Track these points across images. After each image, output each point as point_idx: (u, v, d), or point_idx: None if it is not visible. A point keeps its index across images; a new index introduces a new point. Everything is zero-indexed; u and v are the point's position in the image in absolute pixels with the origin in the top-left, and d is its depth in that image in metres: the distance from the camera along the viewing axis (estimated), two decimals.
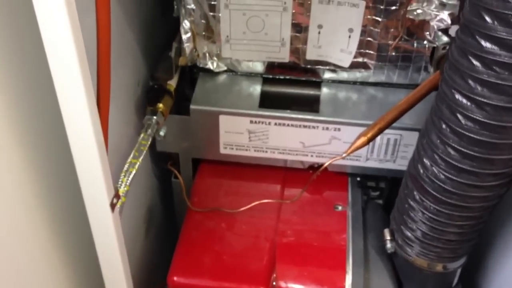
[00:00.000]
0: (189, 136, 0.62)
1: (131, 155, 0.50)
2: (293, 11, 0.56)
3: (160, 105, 0.57)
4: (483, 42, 0.38)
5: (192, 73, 0.64)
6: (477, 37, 0.38)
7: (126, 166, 0.49)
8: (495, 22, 0.37)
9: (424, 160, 0.47)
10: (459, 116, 0.42)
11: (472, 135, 0.41)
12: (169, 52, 0.60)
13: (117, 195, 0.45)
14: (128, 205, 0.55)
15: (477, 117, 0.40)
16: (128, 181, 0.48)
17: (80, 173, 0.42)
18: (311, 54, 0.59)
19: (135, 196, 0.61)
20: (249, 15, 0.57)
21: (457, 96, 0.41)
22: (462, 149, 0.43)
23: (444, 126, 0.44)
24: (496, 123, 0.40)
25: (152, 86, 0.58)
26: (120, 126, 0.54)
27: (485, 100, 0.39)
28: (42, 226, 0.52)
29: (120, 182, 0.48)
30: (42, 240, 0.53)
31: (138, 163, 0.50)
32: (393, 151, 0.60)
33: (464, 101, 0.41)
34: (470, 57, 0.39)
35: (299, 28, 0.57)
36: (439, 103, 0.44)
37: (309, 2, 0.55)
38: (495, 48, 0.37)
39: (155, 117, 0.56)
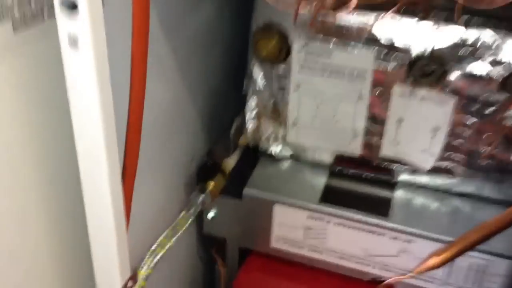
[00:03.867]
0: (239, 222, 0.56)
1: (163, 234, 0.45)
2: (370, 101, 0.50)
3: (211, 183, 0.52)
4: None
5: (256, 156, 0.59)
6: None
7: (154, 246, 0.44)
8: None
9: None
10: None
11: None
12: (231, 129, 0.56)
13: (133, 278, 0.40)
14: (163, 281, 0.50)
15: None
16: (153, 263, 0.43)
17: (93, 247, 0.37)
18: (387, 150, 0.52)
19: (171, 274, 0.55)
20: (320, 100, 0.52)
21: None
22: None
23: None
24: None
25: (205, 162, 0.54)
26: (162, 202, 0.50)
27: None
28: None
29: (143, 264, 0.42)
30: None
31: (170, 244, 0.45)
32: (475, 279, 0.49)
33: None
34: None
35: (375, 120, 0.51)
36: None
37: (389, 93, 0.49)
38: None
39: (202, 196, 0.51)
